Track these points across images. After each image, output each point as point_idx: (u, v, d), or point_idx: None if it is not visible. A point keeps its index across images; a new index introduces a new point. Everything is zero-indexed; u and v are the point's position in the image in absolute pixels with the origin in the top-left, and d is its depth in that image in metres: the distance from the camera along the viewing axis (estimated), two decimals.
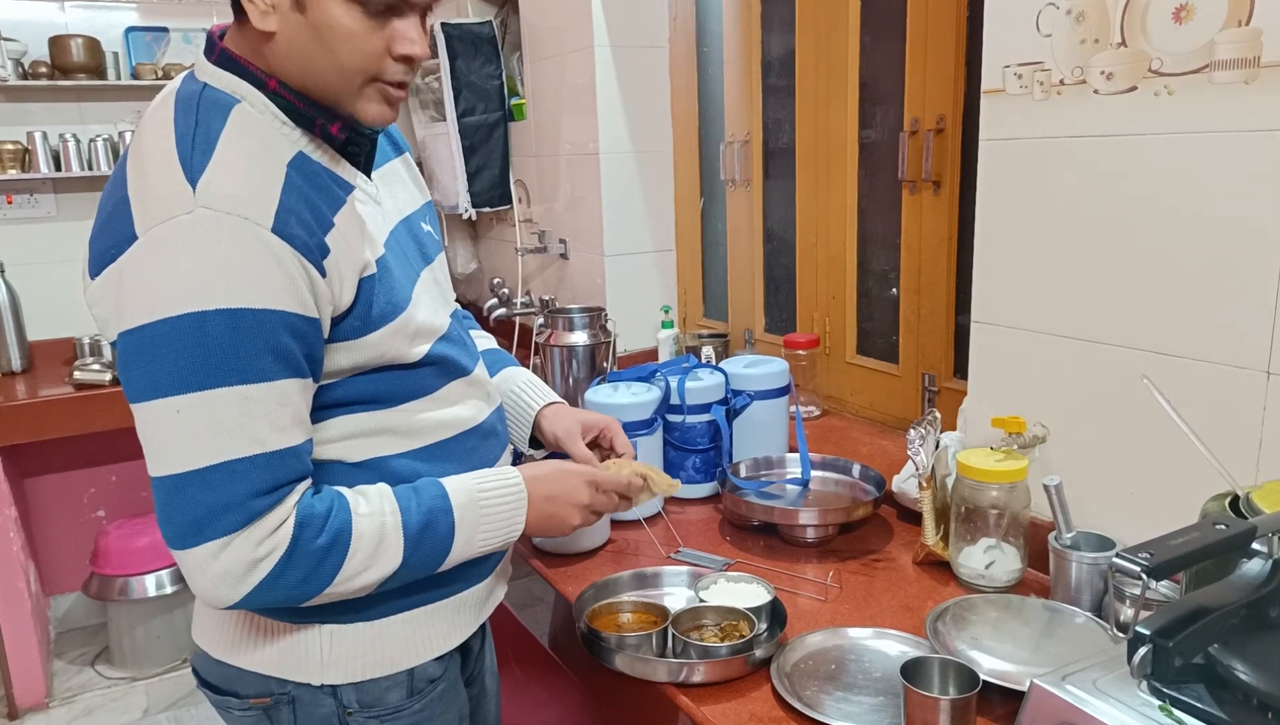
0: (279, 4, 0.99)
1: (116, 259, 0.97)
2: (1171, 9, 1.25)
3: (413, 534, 1.08)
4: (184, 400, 0.95)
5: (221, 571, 0.98)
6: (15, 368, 3.29)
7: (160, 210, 0.95)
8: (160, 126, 1.01)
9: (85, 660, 3.47)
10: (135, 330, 0.95)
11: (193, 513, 0.97)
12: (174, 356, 0.94)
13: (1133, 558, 0.89)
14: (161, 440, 0.98)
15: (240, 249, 0.95)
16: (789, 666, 1.25)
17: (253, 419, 0.97)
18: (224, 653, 1.16)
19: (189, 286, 0.94)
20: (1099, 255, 1.38)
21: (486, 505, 1.15)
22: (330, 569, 1.03)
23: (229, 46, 1.06)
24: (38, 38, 3.29)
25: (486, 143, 3.18)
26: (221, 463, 0.97)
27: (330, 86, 1.05)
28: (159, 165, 0.98)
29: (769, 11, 2.43)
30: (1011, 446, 1.46)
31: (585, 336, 2.40)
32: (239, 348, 0.95)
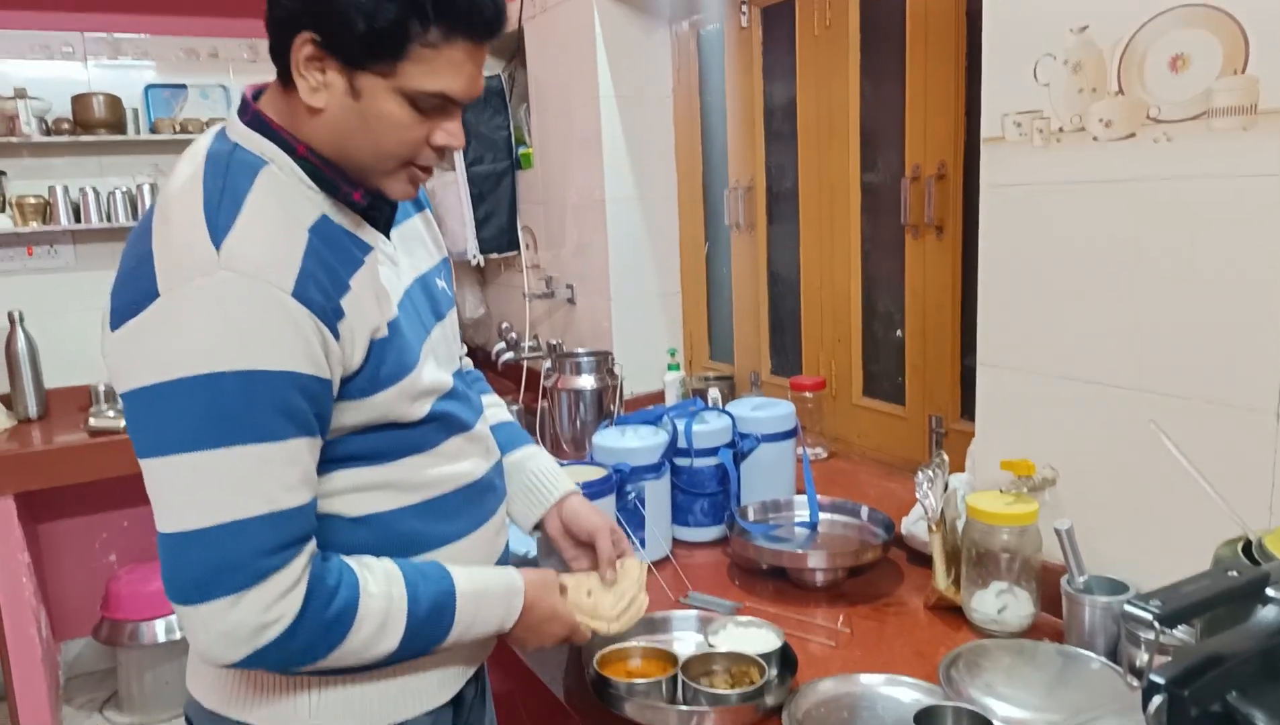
0: (332, 86, 1.02)
1: (137, 315, 0.97)
2: (1168, 58, 1.28)
3: (415, 623, 1.09)
4: (196, 458, 0.96)
5: (226, 631, 0.98)
6: (32, 414, 3.32)
7: (183, 270, 0.96)
8: (188, 183, 1.02)
9: (94, 705, 3.47)
10: (150, 387, 0.96)
11: (199, 570, 0.97)
12: (188, 415, 0.95)
13: (1144, 605, 0.89)
14: (170, 496, 0.98)
15: (260, 312, 0.96)
16: (800, 713, 1.24)
17: (263, 478, 0.98)
18: (214, 703, 1.16)
19: (206, 347, 0.95)
20: (1103, 299, 1.39)
21: (486, 605, 1.17)
22: (332, 642, 1.04)
23: (263, 109, 1.08)
24: (61, 95, 3.37)
25: (495, 191, 3.22)
26: (231, 521, 0.97)
27: (364, 164, 1.08)
28: (185, 224, 0.99)
29: (770, 60, 2.47)
30: (1021, 489, 1.47)
31: (593, 380, 2.41)
32: (253, 408, 0.96)
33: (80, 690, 3.57)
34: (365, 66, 1.01)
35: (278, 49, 1.02)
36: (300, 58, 1.00)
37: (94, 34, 3.48)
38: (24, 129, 3.25)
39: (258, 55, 3.69)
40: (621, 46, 2.69)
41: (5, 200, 3.32)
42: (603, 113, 2.69)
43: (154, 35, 3.56)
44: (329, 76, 1.01)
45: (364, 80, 1.02)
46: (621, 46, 2.69)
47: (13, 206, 3.30)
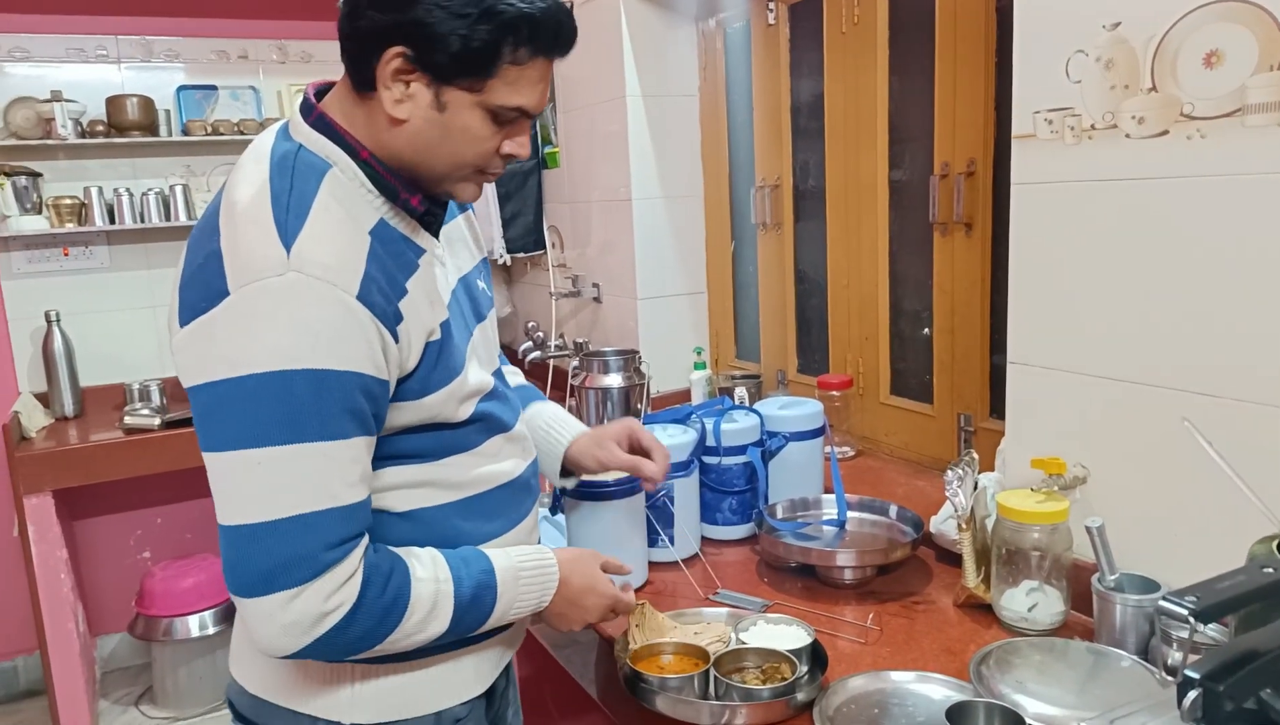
0: (417, 98, 1.05)
1: (207, 312, 0.99)
2: (1202, 54, 1.27)
3: (462, 604, 1.12)
4: (265, 453, 0.98)
5: (290, 622, 1.01)
6: (68, 413, 3.37)
7: (254, 270, 0.98)
8: (254, 184, 1.05)
9: (129, 700, 3.51)
10: (221, 382, 0.98)
11: (266, 563, 1.00)
12: (258, 411, 0.98)
13: (1179, 601, 0.89)
14: (238, 490, 1.01)
15: (328, 313, 0.99)
16: (831, 710, 1.25)
17: (328, 474, 1.01)
18: (257, 687, 1.19)
19: (279, 346, 0.97)
20: (1135, 296, 1.39)
21: (525, 585, 1.20)
22: (388, 628, 1.07)
23: (328, 111, 1.10)
24: (95, 98, 3.41)
25: (521, 190, 3.23)
26: (297, 515, 1.00)
27: (439, 172, 1.12)
28: (253, 224, 1.01)
29: (797, 57, 2.47)
30: (1052, 487, 1.46)
31: (620, 379, 2.42)
32: (321, 406, 0.99)
33: (116, 685, 3.62)
34: (453, 82, 1.05)
35: (359, 58, 1.05)
36: (388, 71, 1.03)
37: (127, 37, 3.52)
38: (60, 131, 3.29)
39: (287, 56, 3.73)
40: (648, 45, 2.70)
41: (42, 201, 3.36)
42: (629, 111, 2.70)
43: (185, 37, 3.59)
44: (414, 89, 1.05)
45: (450, 94, 1.05)
46: (648, 45, 2.70)
47: (49, 208, 3.35)
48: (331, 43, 1.22)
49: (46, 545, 2.97)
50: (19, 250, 3.43)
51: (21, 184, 3.30)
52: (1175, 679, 0.91)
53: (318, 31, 3.71)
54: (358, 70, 1.06)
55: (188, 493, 3.71)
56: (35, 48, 3.40)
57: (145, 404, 3.34)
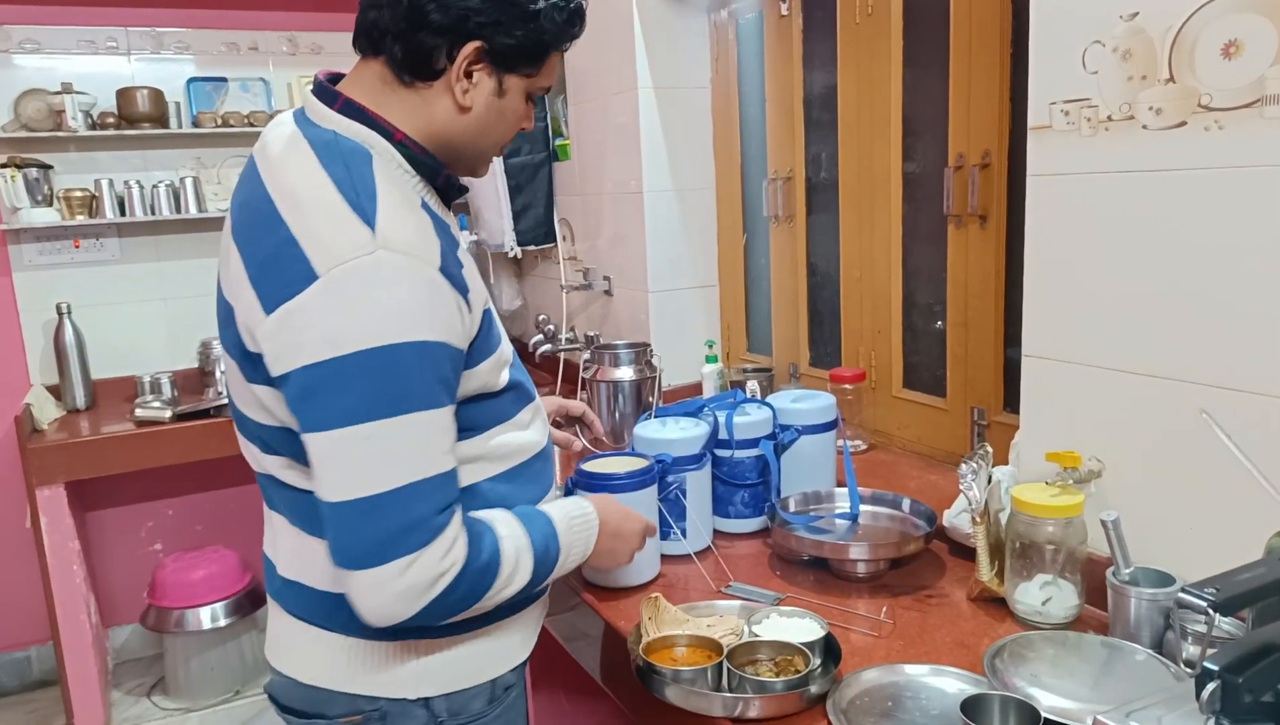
0: (481, 86, 1.15)
1: (294, 297, 1.02)
2: (1220, 45, 1.26)
3: (538, 557, 1.19)
4: (375, 427, 1.02)
5: (407, 587, 1.04)
6: (80, 405, 3.37)
7: (341, 251, 1.02)
8: (306, 169, 1.09)
9: (142, 691, 3.53)
10: (324, 363, 1.01)
11: (382, 532, 1.03)
12: (366, 386, 1.01)
13: (1198, 593, 0.89)
14: (349, 465, 1.03)
15: (418, 288, 1.04)
16: (845, 703, 1.25)
17: (431, 442, 1.06)
18: (314, 678, 1.22)
19: (377, 322, 1.01)
20: (1152, 289, 1.38)
21: (576, 533, 1.28)
22: (485, 585, 1.12)
23: (354, 97, 1.14)
24: (106, 90, 3.41)
25: (532, 182, 3.23)
26: (410, 483, 1.04)
27: (483, 151, 1.23)
28: (326, 207, 1.05)
29: (810, 49, 2.46)
30: (1067, 481, 1.46)
31: (631, 372, 2.42)
32: (423, 377, 1.04)
33: (128, 676, 3.64)
34: (514, 70, 1.16)
35: (424, 51, 1.11)
36: (464, 63, 1.12)
37: (137, 28, 3.52)
38: (70, 123, 3.30)
39: (297, 48, 3.73)
40: (659, 36, 2.69)
41: (53, 194, 3.37)
42: (640, 103, 2.69)
43: (195, 29, 3.60)
44: (479, 78, 1.14)
45: (510, 81, 1.16)
46: (659, 36, 2.69)
47: (60, 200, 3.35)
48: (342, 34, 1.30)
49: (59, 536, 2.98)
50: (30, 242, 3.45)
51: (33, 176, 3.31)
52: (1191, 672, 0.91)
53: (328, 23, 3.71)
54: (421, 63, 1.12)
55: (199, 485, 3.72)
56: (45, 39, 3.41)
57: (156, 396, 3.35)
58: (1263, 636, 0.92)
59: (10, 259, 3.43)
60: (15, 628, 3.61)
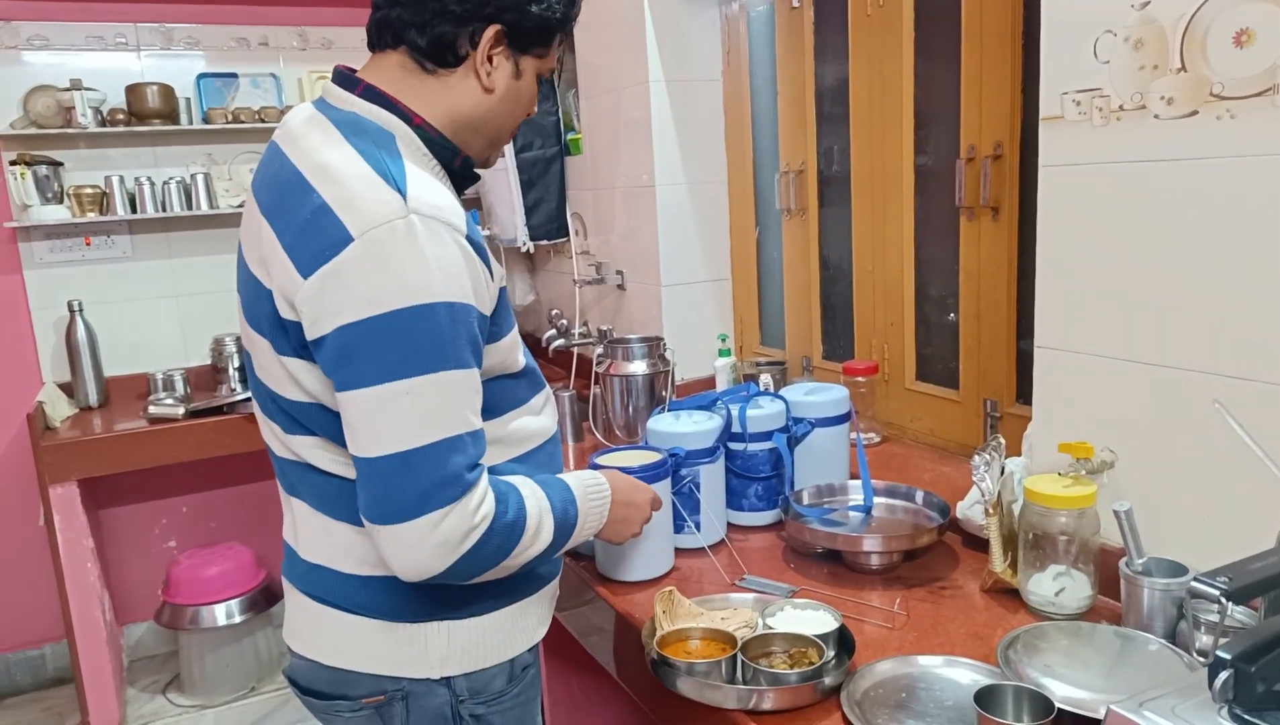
0: (500, 69, 1.21)
1: (331, 259, 1.05)
2: (1232, 33, 1.26)
3: (558, 520, 1.22)
4: (413, 383, 1.05)
5: (441, 540, 1.07)
6: (92, 403, 3.38)
7: (375, 215, 1.05)
8: (333, 143, 1.13)
9: (157, 688, 3.54)
10: (363, 322, 1.04)
11: (420, 485, 1.06)
12: (405, 343, 1.04)
13: (1211, 582, 0.89)
14: (388, 421, 1.06)
15: (450, 251, 1.08)
16: (859, 694, 1.25)
17: (463, 400, 1.10)
18: (337, 659, 1.25)
19: (414, 282, 1.04)
20: (1164, 279, 1.38)
21: (592, 501, 1.31)
22: (512, 543, 1.15)
23: (375, 84, 1.19)
24: (115, 86, 3.41)
25: (544, 177, 3.23)
26: (445, 439, 1.07)
27: (500, 134, 1.28)
28: (358, 177, 1.08)
29: (822, 41, 2.46)
30: (1079, 472, 1.46)
31: (644, 366, 2.42)
32: (456, 337, 1.07)
33: (143, 673, 3.66)
34: (529, 51, 1.22)
35: (446, 37, 1.17)
36: (486, 46, 1.18)
37: (146, 24, 3.52)
38: (80, 120, 3.29)
39: (307, 43, 3.73)
40: (671, 30, 2.69)
41: (63, 191, 3.38)
42: (652, 97, 2.69)
43: (205, 24, 3.59)
44: (498, 61, 1.20)
45: (525, 62, 1.23)
46: (671, 30, 2.69)
47: (70, 197, 3.35)
48: (352, 29, 1.35)
49: (72, 534, 2.99)
50: (40, 240, 3.44)
51: (42, 173, 3.31)
52: (1204, 661, 0.91)
53: (338, 18, 3.70)
54: (444, 51, 1.18)
55: (213, 482, 3.74)
56: (54, 35, 3.41)
57: (169, 393, 3.36)
58: (1276, 625, 0.92)
59: (21, 256, 3.43)
60: (29, 625, 3.63)
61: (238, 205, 3.56)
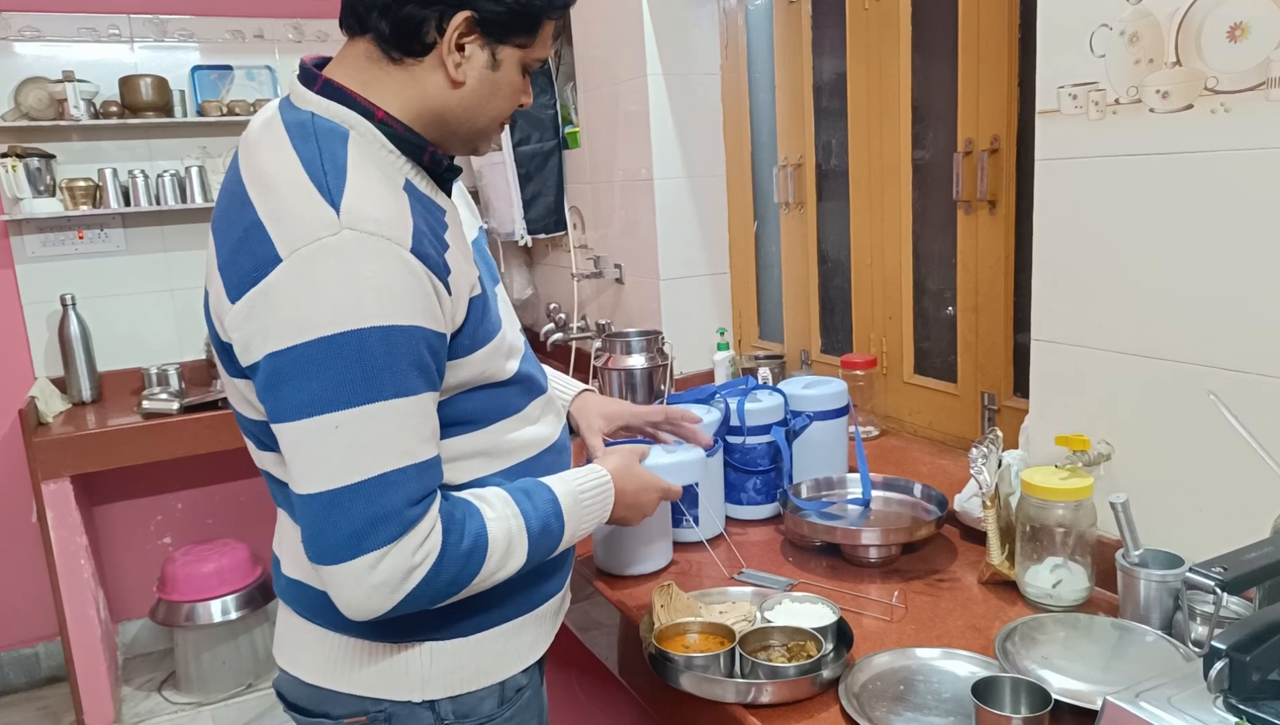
0: (473, 59, 1.09)
1: (259, 282, 0.98)
2: (1226, 28, 1.26)
3: (534, 536, 1.15)
4: (343, 416, 0.98)
5: (379, 582, 1.01)
6: (86, 398, 3.38)
7: (305, 232, 0.98)
8: (277, 151, 1.05)
9: (152, 685, 3.54)
10: (289, 349, 0.98)
11: (352, 525, 1.00)
12: (332, 373, 0.97)
13: (1207, 572, 0.89)
14: (317, 457, 1.00)
15: (387, 268, 0.99)
16: (857, 687, 1.25)
17: (404, 432, 1.02)
18: (317, 677, 1.19)
19: (344, 305, 0.97)
20: (1160, 272, 1.38)
21: (585, 504, 1.24)
22: (472, 571, 1.09)
23: (333, 78, 1.10)
24: (109, 78, 3.40)
25: (542, 171, 3.23)
26: (379, 474, 1.00)
27: (479, 128, 1.17)
28: (292, 188, 1.01)
29: (819, 35, 2.46)
30: (1076, 464, 1.46)
31: (643, 359, 2.42)
32: (393, 363, 0.99)
33: (138, 671, 3.65)
34: (508, 40, 1.10)
35: (412, 26, 1.06)
36: (455, 35, 1.07)
37: (140, 16, 3.51)
38: (73, 112, 3.28)
39: (303, 36, 3.72)
40: (669, 23, 2.69)
41: (55, 184, 3.36)
42: (650, 91, 2.69)
43: (199, 16, 3.58)
44: (470, 50, 1.09)
45: (504, 52, 1.11)
46: (669, 23, 2.69)
47: (63, 190, 3.34)
48: None
49: (66, 531, 2.99)
50: (32, 233, 3.43)
51: (34, 166, 3.29)
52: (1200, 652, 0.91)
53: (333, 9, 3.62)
54: (409, 38, 1.07)
55: (208, 478, 3.73)
56: (46, 27, 3.39)
57: (164, 388, 3.35)
58: (1270, 615, 0.93)
59: (13, 250, 3.42)
60: (23, 624, 3.62)
61: None
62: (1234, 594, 0.97)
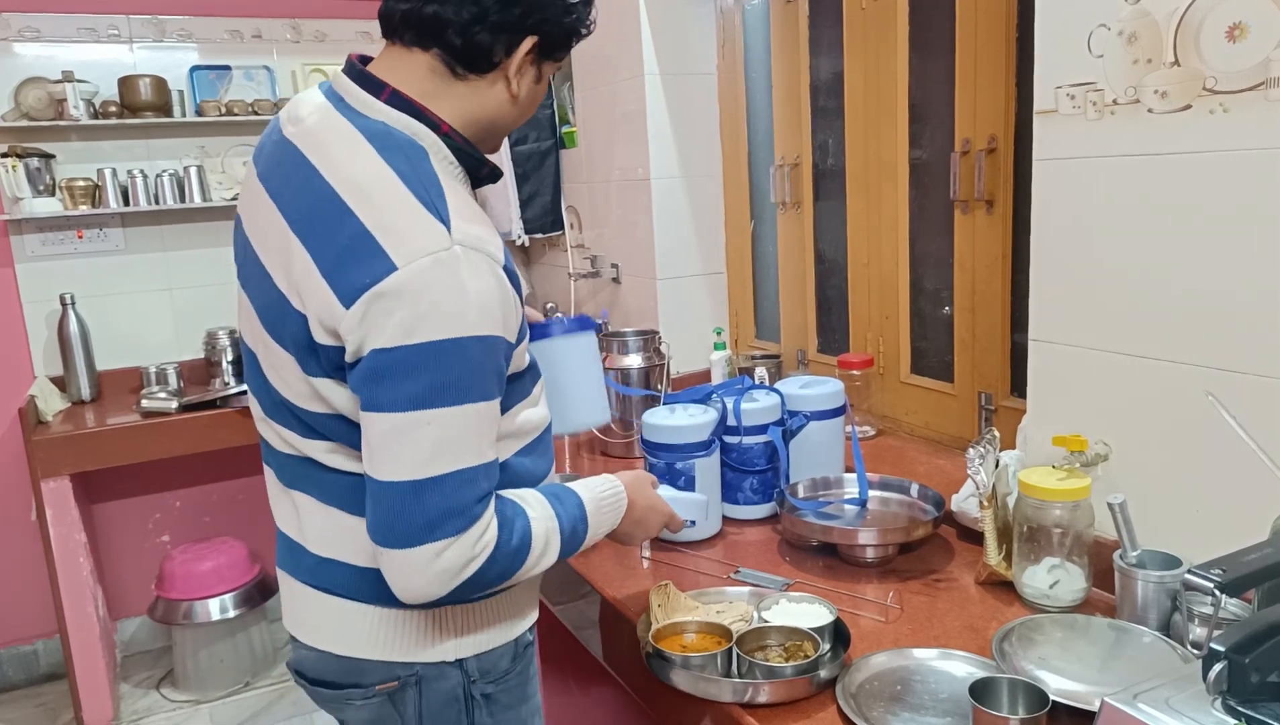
0: (526, 74, 1.21)
1: (374, 286, 1.05)
2: (1225, 28, 1.26)
3: (565, 537, 1.24)
4: (436, 413, 1.07)
5: (441, 569, 1.09)
6: (85, 397, 3.37)
7: (421, 246, 1.05)
8: (367, 160, 1.11)
9: (151, 683, 3.54)
10: (397, 348, 1.05)
11: (427, 515, 1.08)
12: (434, 375, 1.06)
13: (1205, 574, 0.89)
14: (405, 448, 1.07)
15: (488, 283, 1.09)
16: (854, 687, 1.25)
17: (480, 434, 1.11)
18: (352, 648, 1.26)
19: (451, 315, 1.06)
20: (1157, 272, 1.38)
21: (604, 512, 1.32)
22: (516, 565, 1.17)
23: (398, 87, 1.17)
24: (108, 78, 3.40)
25: (539, 170, 3.23)
26: (457, 471, 1.09)
27: (505, 135, 1.30)
28: (401, 202, 1.08)
29: (817, 35, 2.45)
30: (1074, 465, 1.46)
31: (639, 359, 2.42)
32: (484, 370, 1.10)
33: (137, 668, 3.65)
34: (552, 57, 1.23)
35: (483, 47, 1.15)
36: (522, 56, 1.18)
37: (139, 16, 3.50)
38: (72, 112, 3.27)
39: (301, 36, 3.71)
40: (666, 23, 2.69)
41: (55, 183, 3.36)
42: (647, 90, 2.69)
43: (197, 16, 3.58)
44: (525, 69, 1.20)
45: (547, 68, 1.24)
46: (666, 23, 2.69)
47: (62, 190, 3.34)
48: (346, 21, 1.32)
49: (65, 529, 2.98)
50: (32, 233, 3.42)
51: (34, 165, 3.29)
52: (1198, 653, 0.91)
53: (332, 10, 3.69)
54: (481, 58, 1.17)
55: (206, 476, 3.73)
56: (45, 27, 3.39)
57: (163, 387, 3.34)
58: (1269, 617, 0.92)
59: (13, 250, 3.42)
60: (22, 621, 3.61)
61: (231, 198, 3.55)
62: (1233, 596, 0.97)
